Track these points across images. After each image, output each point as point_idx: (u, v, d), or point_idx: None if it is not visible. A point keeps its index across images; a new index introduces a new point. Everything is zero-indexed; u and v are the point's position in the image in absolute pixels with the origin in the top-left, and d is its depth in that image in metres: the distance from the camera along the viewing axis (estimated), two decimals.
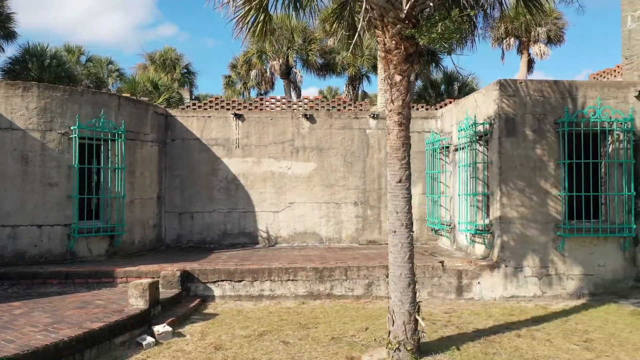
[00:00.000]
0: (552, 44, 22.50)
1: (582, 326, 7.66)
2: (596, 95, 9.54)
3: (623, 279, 9.49)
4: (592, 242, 9.44)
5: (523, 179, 9.37)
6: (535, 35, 21.95)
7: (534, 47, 22.19)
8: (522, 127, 9.40)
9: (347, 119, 12.92)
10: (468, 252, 10.72)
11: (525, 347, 6.63)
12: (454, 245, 11.59)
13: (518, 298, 9.32)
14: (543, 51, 22.19)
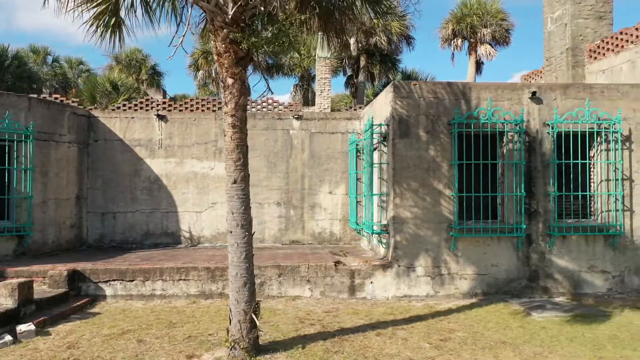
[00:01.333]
0: (499, 45, 22.64)
1: (453, 325, 7.77)
2: (490, 97, 9.65)
3: (517, 278, 9.59)
4: (485, 242, 9.55)
5: (416, 179, 9.47)
6: (481, 36, 22.08)
7: (480, 48, 22.32)
8: (416, 129, 9.50)
9: (270, 119, 13.02)
10: (376, 252, 10.84)
11: (376, 345, 6.73)
12: (369, 245, 11.70)
13: (411, 297, 9.43)
14: (489, 52, 22.30)
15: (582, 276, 9.68)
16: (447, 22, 22.68)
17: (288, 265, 9.34)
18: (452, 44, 22.83)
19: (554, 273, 9.65)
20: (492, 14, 21.79)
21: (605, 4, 11.93)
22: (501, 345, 6.82)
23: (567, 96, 9.75)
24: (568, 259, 9.65)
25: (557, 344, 6.87)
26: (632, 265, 9.74)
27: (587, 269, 9.68)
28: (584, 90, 9.84)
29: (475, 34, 22.12)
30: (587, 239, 9.69)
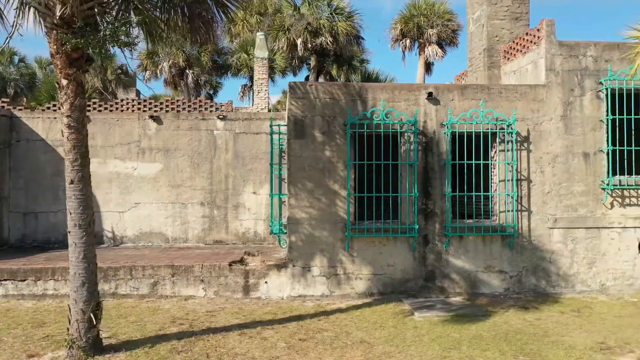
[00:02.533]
0: (448, 46, 22.67)
1: (327, 325, 7.81)
2: (387, 97, 9.69)
3: (413, 278, 9.63)
4: (381, 242, 9.59)
5: (312, 180, 9.51)
6: (428, 36, 22.11)
7: (428, 48, 22.34)
8: (312, 129, 9.54)
9: (194, 120, 13.05)
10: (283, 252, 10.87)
11: (229, 345, 6.78)
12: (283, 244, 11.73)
13: (306, 297, 9.47)
14: (437, 52, 22.34)
15: (479, 276, 9.72)
16: (396, 22, 22.74)
17: (181, 266, 9.38)
18: (400, 44, 22.88)
19: (450, 273, 9.69)
20: (439, 14, 21.85)
21: (521, 5, 11.96)
22: (357, 345, 6.86)
23: (465, 97, 9.79)
24: (465, 259, 9.70)
25: (414, 345, 6.90)
26: (530, 266, 9.78)
27: (484, 269, 9.73)
28: (481, 91, 9.88)
29: (422, 34, 22.17)
30: (484, 239, 9.73)
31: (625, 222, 9.88)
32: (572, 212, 9.84)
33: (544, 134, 9.86)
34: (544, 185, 9.83)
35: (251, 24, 19.77)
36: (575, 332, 7.41)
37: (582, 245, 9.83)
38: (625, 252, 9.89)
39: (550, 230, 9.80)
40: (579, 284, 9.84)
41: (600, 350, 6.64)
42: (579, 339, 7.11)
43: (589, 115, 9.91)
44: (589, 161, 9.87)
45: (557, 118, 9.87)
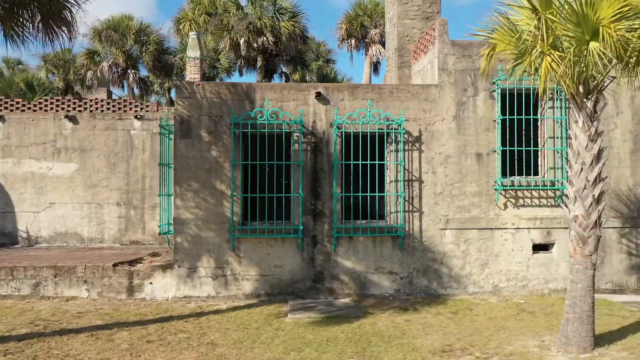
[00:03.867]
0: None
1: (190, 327, 7.75)
2: (276, 97, 9.62)
3: (301, 279, 9.57)
4: (269, 242, 9.52)
5: (198, 180, 9.44)
6: (371, 36, 22.01)
7: (372, 48, 22.24)
8: (198, 129, 9.47)
9: (111, 120, 12.99)
10: None
11: (68, 346, 6.71)
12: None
13: (191, 298, 9.40)
14: (380, 52, 22.24)
15: (369, 277, 9.65)
16: (342, 22, 22.66)
17: (64, 266, 9.31)
18: (346, 44, 22.80)
19: (339, 274, 9.62)
20: (382, 14, 21.71)
21: (432, 5, 11.89)
22: (201, 347, 6.78)
23: (355, 97, 9.73)
24: (355, 260, 9.63)
25: (260, 346, 6.83)
26: (421, 267, 9.72)
27: (374, 270, 9.66)
28: (372, 91, 9.82)
29: (367, 34, 22.07)
30: (374, 240, 9.66)
31: (518, 223, 9.81)
32: (465, 212, 9.78)
33: (436, 134, 9.80)
34: (436, 185, 9.76)
35: (199, 23, 19.76)
36: (432, 335, 7.34)
37: (474, 246, 9.76)
38: (519, 254, 9.82)
39: (442, 231, 9.74)
40: (472, 286, 9.78)
41: (440, 353, 6.56)
42: (430, 341, 7.04)
43: (482, 116, 9.84)
44: (482, 162, 9.81)
45: (450, 118, 9.81)
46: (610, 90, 9.79)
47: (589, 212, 6.46)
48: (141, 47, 19.17)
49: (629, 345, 6.73)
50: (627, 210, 9.99)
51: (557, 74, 6.07)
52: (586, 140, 6.47)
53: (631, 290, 9.96)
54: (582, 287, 6.49)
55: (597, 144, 6.45)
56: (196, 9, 19.97)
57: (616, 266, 9.95)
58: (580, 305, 6.46)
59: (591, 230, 6.45)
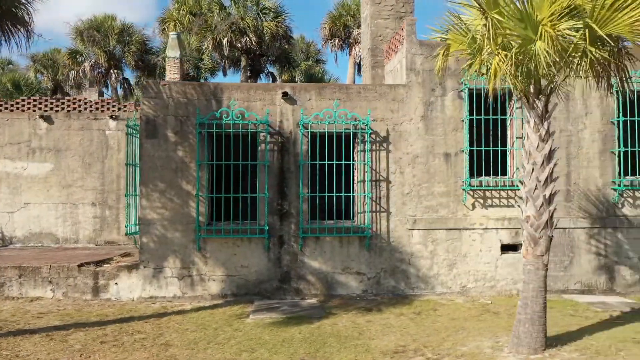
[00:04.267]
0: None
1: (149, 327, 7.72)
2: (243, 97, 9.60)
3: (268, 279, 9.54)
4: (235, 243, 9.50)
5: (164, 180, 9.42)
6: (354, 36, 21.98)
7: (355, 48, 22.19)
8: (164, 129, 9.45)
9: (86, 120, 12.97)
10: None
11: (20, 347, 6.69)
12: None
13: (157, 299, 9.37)
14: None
15: (336, 278, 9.63)
16: (325, 22, 22.65)
17: (29, 267, 9.29)
18: (330, 44, 22.78)
19: (306, 274, 9.60)
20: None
21: (405, 4, 11.86)
22: (153, 348, 6.76)
23: (322, 97, 9.71)
24: (322, 260, 9.61)
25: (214, 347, 6.81)
26: (389, 267, 9.69)
27: (341, 270, 9.64)
28: (339, 91, 9.80)
29: (350, 34, 22.06)
30: (341, 240, 9.64)
31: (487, 223, 9.79)
32: (433, 213, 9.75)
33: (404, 134, 9.77)
34: (404, 186, 9.74)
35: (184, 23, 19.72)
36: (389, 335, 7.31)
37: (442, 246, 9.74)
38: (487, 254, 9.80)
39: (409, 231, 9.71)
40: (439, 286, 9.75)
41: (392, 353, 6.53)
42: (385, 342, 7.01)
43: (450, 116, 9.82)
44: (450, 162, 9.78)
45: (418, 118, 9.78)
46: (573, 90, 9.79)
47: (540, 213, 6.43)
48: (124, 47, 19.18)
49: (583, 346, 6.70)
50: (596, 210, 9.97)
51: (506, 74, 6.05)
52: (537, 141, 6.44)
53: (600, 291, 9.94)
54: (533, 287, 6.47)
55: (548, 144, 6.42)
56: (181, 9, 19.96)
57: (585, 267, 9.93)
58: (532, 306, 6.43)
59: (542, 230, 6.43)
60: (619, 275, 9.97)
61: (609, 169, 9.99)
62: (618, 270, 9.97)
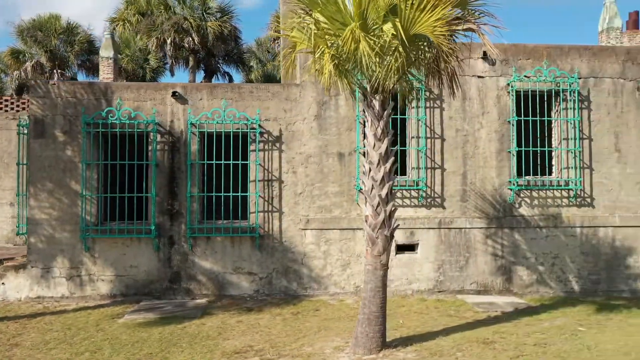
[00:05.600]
0: None
1: (12, 328, 7.72)
2: (133, 97, 9.57)
3: (157, 280, 9.51)
4: (124, 243, 9.47)
5: (52, 180, 9.39)
6: None
7: None
8: (52, 129, 9.42)
9: (5, 119, 12.95)
10: None
11: None
12: None
13: (45, 299, 9.34)
14: None
15: (228, 278, 9.59)
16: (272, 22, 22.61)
17: None
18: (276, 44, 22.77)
19: (197, 274, 9.57)
20: None
21: None
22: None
23: (214, 96, 9.68)
24: (213, 260, 9.57)
25: (63, 347, 6.80)
26: (281, 267, 9.66)
27: (232, 270, 9.61)
28: (231, 91, 9.77)
29: None
30: (233, 240, 9.61)
31: None
32: (326, 213, 9.72)
33: (297, 134, 9.74)
34: (297, 185, 9.70)
35: (132, 23, 19.69)
36: (247, 335, 7.27)
37: (336, 246, 9.71)
38: None
39: (302, 231, 9.68)
40: (333, 286, 9.72)
41: (233, 354, 6.49)
42: (238, 342, 6.98)
43: (344, 115, 9.79)
44: (344, 161, 9.75)
45: (311, 118, 9.75)
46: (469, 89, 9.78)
47: (377, 212, 6.40)
48: (67, 47, 19.17)
49: (427, 346, 6.66)
50: (492, 210, 9.93)
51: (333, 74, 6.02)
52: (373, 140, 6.41)
53: (497, 291, 9.90)
54: (371, 287, 6.44)
55: (384, 143, 6.40)
56: (129, 8, 19.94)
57: (481, 267, 9.89)
58: (369, 307, 6.40)
59: (379, 230, 6.40)
60: (516, 275, 9.93)
61: (505, 168, 9.96)
62: (515, 271, 9.93)
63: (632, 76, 10.19)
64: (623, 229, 10.08)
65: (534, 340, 6.99)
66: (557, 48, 10.14)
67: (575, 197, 9.96)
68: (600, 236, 10.05)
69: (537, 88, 9.96)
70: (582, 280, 10.00)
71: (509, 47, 10.06)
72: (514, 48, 10.07)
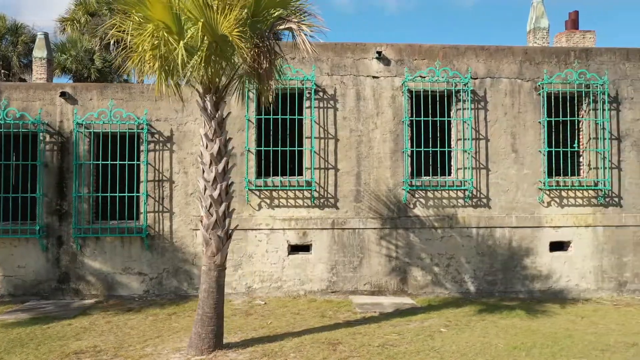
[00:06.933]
0: None
1: None
2: (22, 97, 9.56)
3: (46, 280, 9.50)
4: (12, 243, 9.46)
5: None
6: None
7: None
8: None
9: None
10: None
11: None
12: None
13: None
14: None
15: (117, 278, 9.58)
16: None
17: None
18: None
19: (86, 275, 9.56)
20: None
21: None
22: None
23: (104, 97, 9.67)
24: (102, 260, 9.56)
25: None
26: (171, 268, 9.65)
27: (122, 270, 9.60)
28: (122, 91, 9.76)
29: None
30: (123, 240, 9.60)
31: (273, 224, 9.74)
32: None
33: (189, 134, 9.73)
34: (188, 186, 9.69)
35: (81, 23, 19.73)
36: (101, 336, 7.25)
37: None
38: (274, 255, 9.75)
39: (193, 231, 9.67)
40: (225, 287, 9.65)
41: (72, 355, 6.47)
42: (86, 343, 6.95)
43: (236, 115, 9.76)
44: (236, 162, 9.72)
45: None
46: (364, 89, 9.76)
47: (210, 213, 6.39)
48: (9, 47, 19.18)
49: (268, 347, 6.64)
50: (387, 211, 9.91)
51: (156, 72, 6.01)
52: (206, 140, 6.40)
53: (391, 292, 9.87)
54: (205, 288, 6.43)
55: (216, 143, 6.38)
56: (78, 8, 19.94)
57: (375, 268, 9.86)
58: (203, 307, 6.39)
59: (212, 231, 6.39)
60: (411, 276, 9.91)
61: (400, 169, 9.93)
62: (410, 272, 9.90)
63: (530, 76, 10.16)
64: (520, 229, 10.05)
65: (383, 341, 6.97)
66: (454, 48, 10.11)
67: (470, 197, 9.94)
68: (496, 237, 10.02)
69: (434, 88, 9.94)
70: (478, 281, 9.98)
71: (404, 47, 10.05)
72: (409, 48, 10.05)
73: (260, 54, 6.04)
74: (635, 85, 10.29)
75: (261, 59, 6.07)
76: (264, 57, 6.03)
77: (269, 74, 6.22)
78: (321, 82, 9.87)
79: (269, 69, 6.17)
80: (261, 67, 6.16)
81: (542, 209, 10.08)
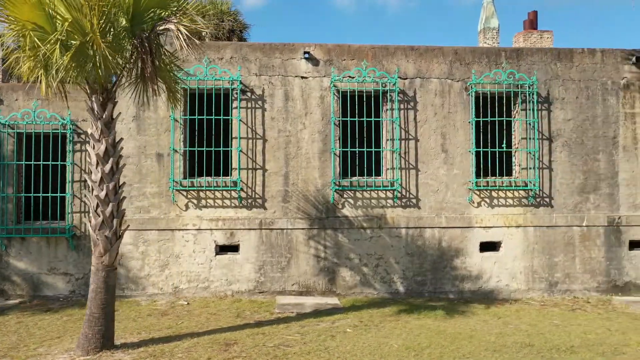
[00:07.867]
0: None
1: None
2: None
3: None
4: None
5: None
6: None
7: None
8: None
9: None
10: None
11: None
12: None
13: None
14: None
15: (43, 278, 9.58)
16: None
17: None
18: None
19: (11, 275, 9.56)
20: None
21: None
22: None
23: (30, 97, 9.67)
24: (28, 260, 9.56)
25: None
26: None
27: (47, 271, 9.60)
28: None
29: None
30: (49, 240, 9.60)
31: (200, 224, 9.73)
32: (145, 213, 9.70)
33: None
34: None
35: None
36: (6, 337, 7.26)
37: (154, 247, 9.69)
38: (201, 255, 9.74)
39: None
40: (151, 287, 9.70)
41: None
42: None
43: (163, 116, 9.78)
44: (163, 162, 9.73)
45: (130, 118, 9.75)
46: (292, 89, 9.74)
47: (97, 213, 6.39)
48: None
49: (159, 348, 6.63)
50: (315, 211, 9.90)
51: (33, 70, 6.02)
52: (92, 140, 6.40)
53: (320, 292, 9.87)
54: (93, 289, 6.44)
55: (102, 144, 6.39)
56: None
57: (303, 268, 9.86)
58: (90, 308, 6.40)
59: (99, 231, 6.39)
60: (339, 276, 9.90)
61: (329, 169, 9.92)
62: (338, 272, 9.90)
63: (460, 77, 10.16)
64: (449, 230, 10.05)
65: (281, 341, 6.96)
66: (383, 48, 10.11)
67: (399, 197, 9.93)
68: (426, 237, 10.02)
69: (363, 89, 9.94)
70: (407, 281, 9.97)
71: (333, 47, 10.04)
72: (338, 48, 10.04)
73: (143, 56, 6.04)
74: (567, 85, 10.29)
75: (145, 61, 6.06)
76: (147, 59, 6.03)
77: (152, 76, 6.21)
78: (249, 83, 9.87)
79: (152, 71, 6.16)
80: (146, 70, 6.15)
81: (472, 209, 10.07)
